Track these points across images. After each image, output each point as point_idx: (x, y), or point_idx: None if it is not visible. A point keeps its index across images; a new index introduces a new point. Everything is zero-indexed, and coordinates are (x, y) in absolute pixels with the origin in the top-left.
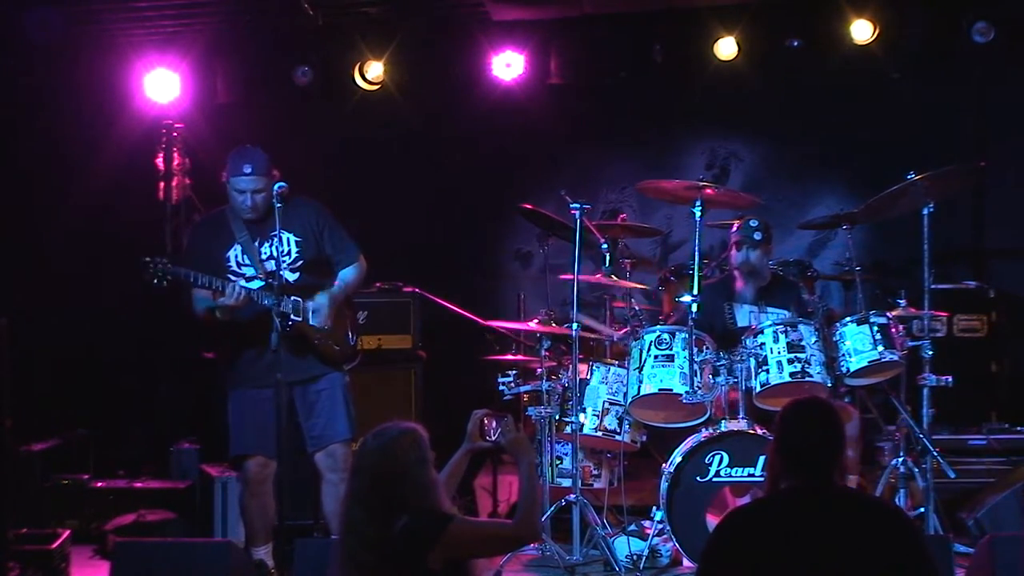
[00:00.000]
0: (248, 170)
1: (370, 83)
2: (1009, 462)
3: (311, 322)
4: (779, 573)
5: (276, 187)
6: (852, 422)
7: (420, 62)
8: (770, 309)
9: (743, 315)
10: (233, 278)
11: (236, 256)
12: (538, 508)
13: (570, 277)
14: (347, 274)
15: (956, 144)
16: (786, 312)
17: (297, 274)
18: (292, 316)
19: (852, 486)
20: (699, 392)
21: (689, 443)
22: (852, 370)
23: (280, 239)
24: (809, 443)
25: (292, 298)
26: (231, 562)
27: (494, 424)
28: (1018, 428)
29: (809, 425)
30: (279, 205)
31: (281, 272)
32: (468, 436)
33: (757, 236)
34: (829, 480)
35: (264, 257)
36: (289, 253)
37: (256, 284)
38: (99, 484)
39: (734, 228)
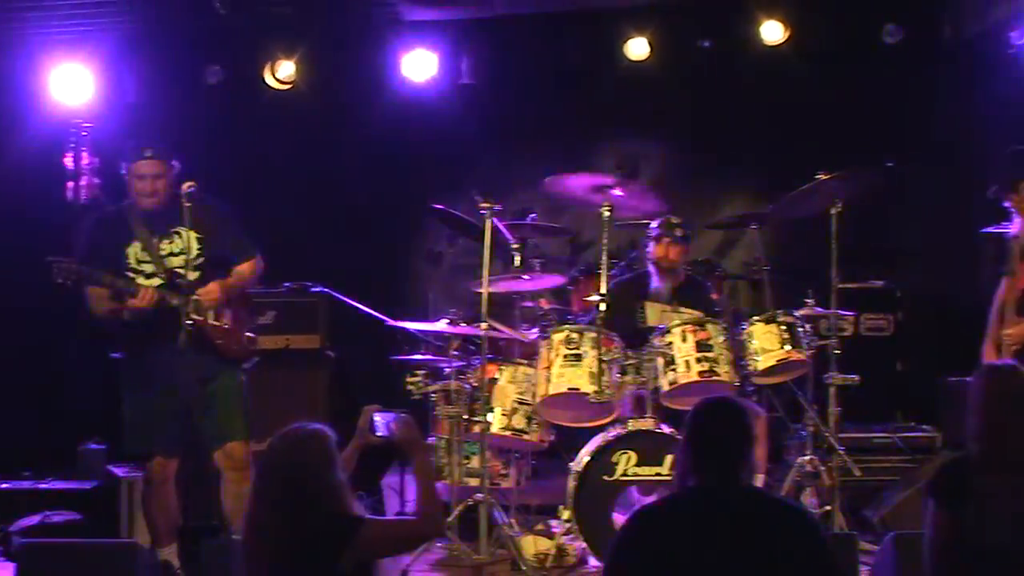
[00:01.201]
0: (149, 153)
1: (281, 83)
2: (914, 460)
3: (211, 321)
4: (684, 571)
5: (187, 188)
6: (759, 421)
7: (331, 62)
8: (682, 308)
9: (655, 314)
10: (132, 276)
11: (135, 253)
12: (437, 501)
13: (485, 286)
14: (242, 270)
15: (865, 144)
16: (697, 311)
17: (199, 273)
18: (194, 315)
19: (758, 485)
20: (607, 391)
21: (596, 442)
22: (759, 369)
23: (181, 236)
24: (718, 441)
25: (193, 298)
26: (137, 563)
27: (384, 419)
28: (923, 426)
29: (719, 423)
30: (188, 205)
31: (180, 270)
32: (358, 432)
33: (679, 233)
34: (737, 479)
35: (164, 254)
36: (189, 251)
37: (155, 282)
38: (4, 485)
39: (655, 223)
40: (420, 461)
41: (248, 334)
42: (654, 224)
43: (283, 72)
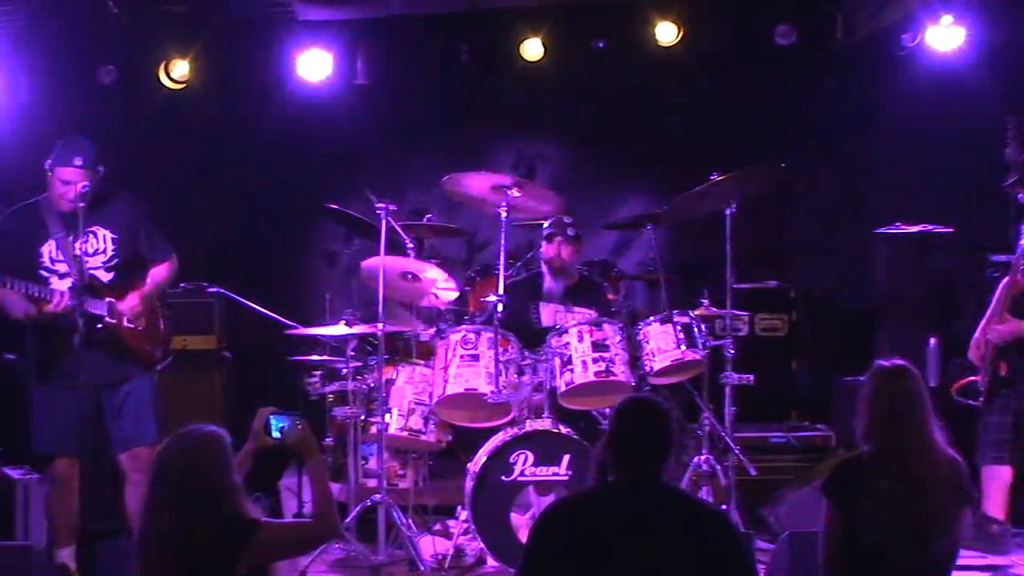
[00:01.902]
0: (79, 162)
1: (176, 82)
2: (808, 459)
3: (125, 324)
4: (600, 565)
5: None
6: None
7: (226, 61)
8: (576, 308)
9: (548, 314)
10: (45, 274)
11: (50, 252)
12: (333, 504)
13: (381, 286)
14: (158, 272)
15: (759, 145)
16: (592, 311)
17: (112, 273)
18: (107, 318)
19: None
20: (504, 392)
21: (494, 442)
22: (656, 369)
23: (96, 236)
24: (641, 439)
25: (107, 300)
26: (31, 566)
27: (277, 421)
28: (817, 426)
29: (643, 422)
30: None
31: (95, 271)
32: (253, 433)
33: (571, 232)
34: (657, 477)
35: (78, 254)
36: (105, 251)
37: (68, 282)
38: None
39: (547, 223)
40: (314, 463)
41: (163, 335)
42: (546, 224)
43: (177, 72)
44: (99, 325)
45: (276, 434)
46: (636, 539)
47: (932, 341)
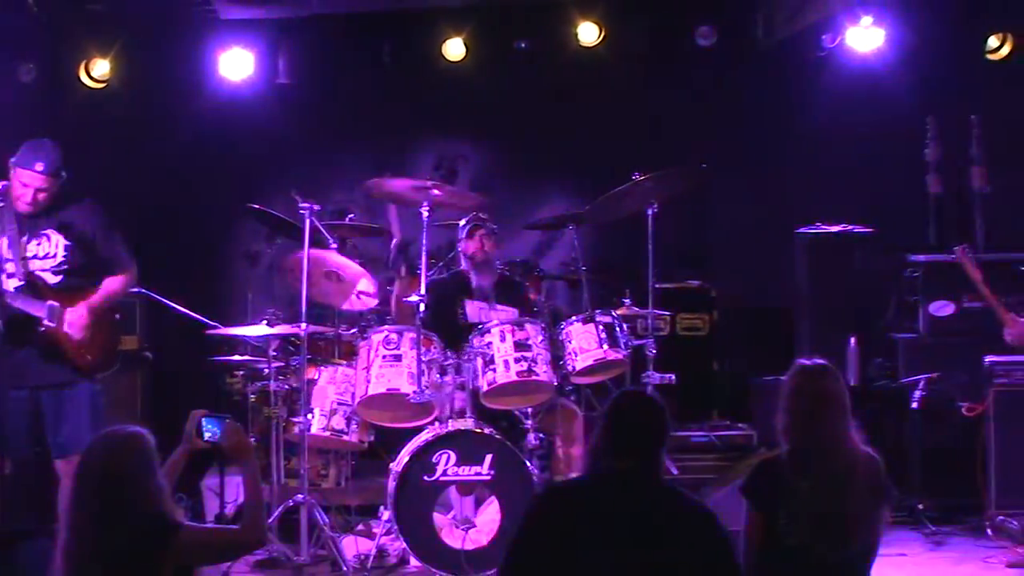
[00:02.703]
0: (40, 168)
1: (96, 81)
2: (729, 458)
3: (65, 330)
4: (593, 550)
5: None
6: (577, 420)
7: (147, 60)
8: (499, 306)
9: (474, 311)
10: None
11: (1, 249)
12: (263, 511)
13: (304, 285)
14: (112, 283)
15: (680, 145)
16: (515, 310)
17: (60, 277)
18: (46, 321)
19: None
20: (426, 392)
21: (416, 442)
22: (578, 368)
23: (50, 240)
24: (638, 429)
25: (49, 303)
26: None
27: (210, 424)
28: (739, 425)
29: (641, 413)
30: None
31: (42, 272)
32: (186, 436)
33: (491, 225)
34: (652, 469)
35: (30, 255)
36: (55, 256)
37: (14, 283)
38: None
39: (464, 221)
40: (248, 468)
41: (109, 344)
42: (463, 222)
43: (98, 71)
44: (40, 328)
45: (208, 436)
46: (630, 528)
47: (852, 340)
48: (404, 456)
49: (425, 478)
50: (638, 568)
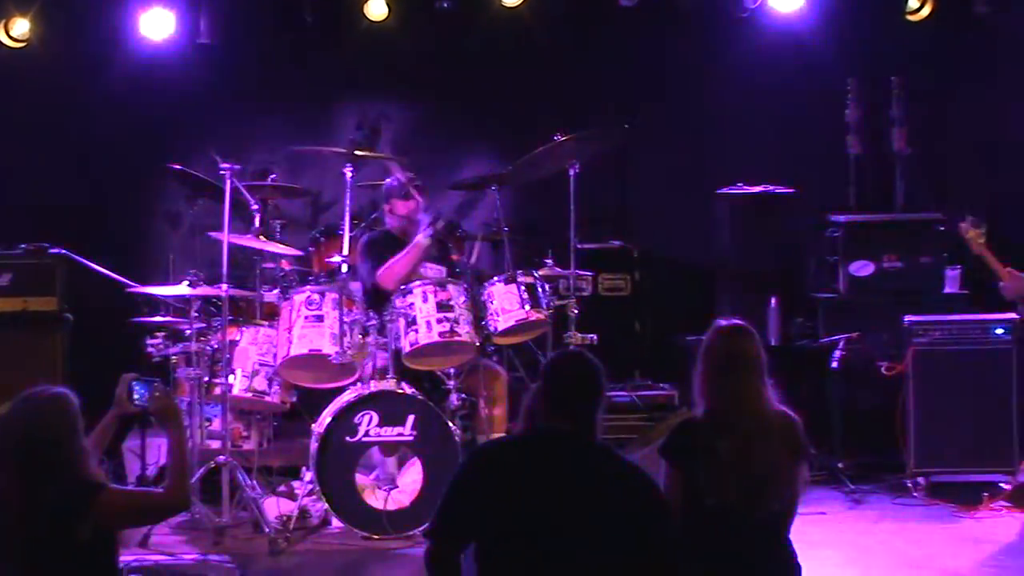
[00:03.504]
0: None
1: (15, 40)
2: (651, 418)
3: None
4: (527, 506)
5: None
6: (501, 381)
7: (67, 20)
8: (429, 265)
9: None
10: None
11: None
12: (188, 476)
13: (222, 236)
14: None
15: (602, 106)
16: (444, 269)
17: None
18: None
19: None
20: (348, 352)
21: (338, 403)
22: (500, 329)
23: None
24: (576, 389)
25: None
26: None
27: (139, 388)
28: (661, 385)
29: (577, 373)
30: None
31: None
32: (116, 400)
33: (419, 182)
34: (589, 429)
35: None
36: None
37: None
38: None
39: (397, 182)
40: (175, 432)
41: None
42: (395, 183)
43: (17, 30)
44: None
45: (137, 400)
46: (566, 487)
47: (773, 300)
48: (326, 417)
49: (347, 439)
50: (574, 527)
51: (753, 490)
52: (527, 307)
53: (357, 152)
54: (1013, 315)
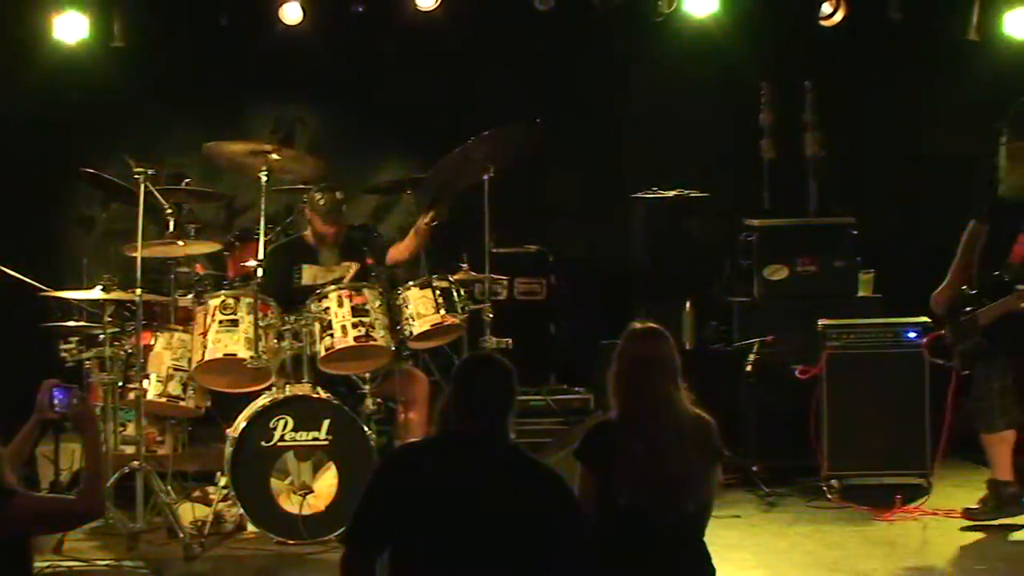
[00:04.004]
0: None
1: None
2: (566, 422)
3: None
4: (438, 511)
5: None
6: (418, 385)
7: None
8: (345, 263)
9: (310, 275)
10: None
11: None
12: (102, 483)
13: (137, 249)
14: None
15: (519, 111)
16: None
17: None
18: None
19: None
20: (264, 357)
21: (253, 408)
22: (416, 334)
23: None
24: (487, 393)
25: None
26: None
27: (60, 394)
28: (576, 389)
29: (490, 377)
30: None
31: None
32: (38, 406)
33: (339, 194)
34: (501, 432)
35: None
36: None
37: None
38: None
39: (320, 198)
40: (91, 439)
41: None
42: (320, 200)
43: None
44: None
45: (58, 407)
46: (478, 490)
47: (687, 304)
48: (241, 421)
49: (262, 443)
50: (485, 530)
51: (666, 492)
52: (442, 311)
53: (273, 156)
54: (926, 319)
